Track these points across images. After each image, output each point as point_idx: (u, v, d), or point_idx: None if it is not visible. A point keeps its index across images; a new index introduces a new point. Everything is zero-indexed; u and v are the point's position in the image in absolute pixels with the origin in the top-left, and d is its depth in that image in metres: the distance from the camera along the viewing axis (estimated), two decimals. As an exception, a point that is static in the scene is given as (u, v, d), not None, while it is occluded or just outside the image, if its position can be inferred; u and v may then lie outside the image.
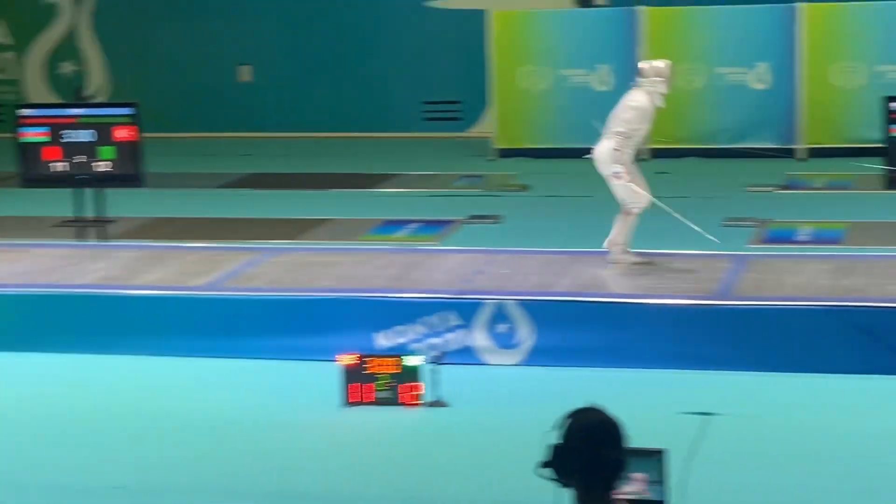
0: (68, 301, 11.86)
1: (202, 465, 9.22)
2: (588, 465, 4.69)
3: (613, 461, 4.71)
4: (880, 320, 10.66)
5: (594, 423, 4.75)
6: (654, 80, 11.95)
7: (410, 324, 11.22)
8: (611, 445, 4.72)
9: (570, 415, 4.78)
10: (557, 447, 4.71)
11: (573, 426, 4.74)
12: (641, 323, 11.04)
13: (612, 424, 4.76)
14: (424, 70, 23.01)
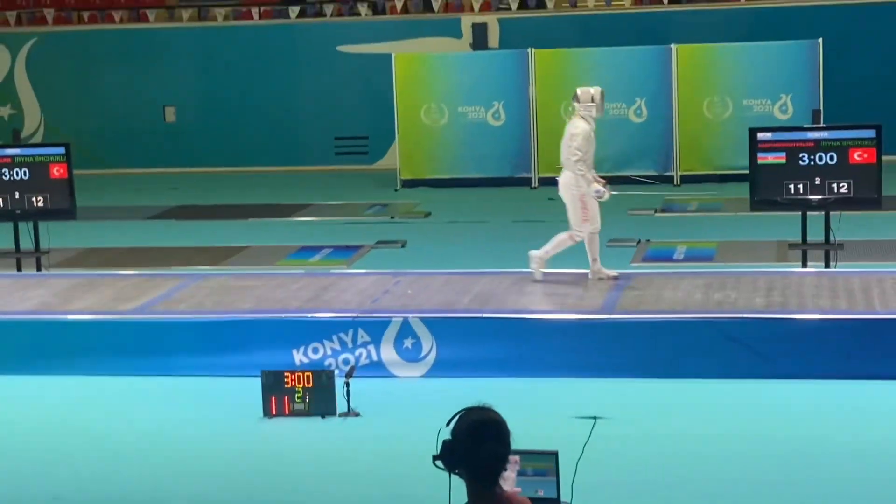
0: (8, 326, 11.70)
1: (133, 476, 9.12)
2: (472, 458, 4.72)
3: (494, 454, 4.74)
4: (748, 330, 10.77)
5: (479, 421, 4.78)
6: (587, 105, 12.10)
7: (325, 341, 11.18)
8: (493, 440, 4.74)
9: (460, 412, 4.82)
10: (447, 441, 4.75)
11: (461, 422, 4.78)
12: (535, 336, 11.07)
13: (496, 422, 4.80)
14: (335, 108, 23.01)
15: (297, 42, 23.24)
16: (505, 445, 4.77)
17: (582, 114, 12.08)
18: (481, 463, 4.73)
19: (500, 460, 4.76)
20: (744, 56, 19.99)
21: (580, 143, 11.91)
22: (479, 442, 4.73)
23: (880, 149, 12.57)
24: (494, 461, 4.75)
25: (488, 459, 4.73)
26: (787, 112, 19.58)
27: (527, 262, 12.39)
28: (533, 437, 8.81)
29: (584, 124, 12.01)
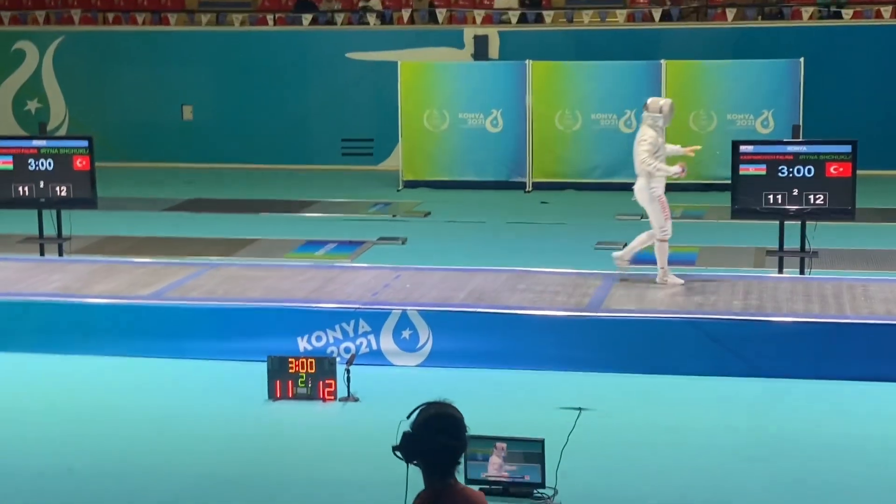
0: (31, 308, 11.71)
1: (145, 451, 9.14)
2: (426, 450, 4.69)
3: (447, 448, 4.70)
4: (726, 330, 10.79)
5: (435, 415, 4.74)
6: (655, 115, 11.89)
7: (327, 330, 11.20)
8: (446, 434, 4.70)
9: (420, 406, 4.79)
10: (405, 433, 4.73)
11: (419, 416, 4.75)
12: (526, 331, 11.08)
13: (451, 416, 4.75)
14: (343, 111, 22.99)
15: (308, 48, 23.22)
16: (458, 440, 4.71)
17: (649, 122, 11.89)
18: (435, 455, 4.69)
19: (452, 453, 4.71)
20: (729, 73, 19.98)
21: (647, 148, 11.74)
22: (434, 435, 4.68)
23: (855, 163, 12.59)
24: (447, 454, 4.70)
25: (441, 452, 4.69)
26: (769, 126, 19.58)
27: (520, 260, 12.38)
28: (521, 425, 8.86)
29: (651, 132, 11.83)
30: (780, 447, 9.08)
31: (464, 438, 4.74)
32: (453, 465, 4.73)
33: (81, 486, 8.49)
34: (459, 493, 4.75)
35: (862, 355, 10.53)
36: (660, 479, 8.50)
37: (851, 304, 11.26)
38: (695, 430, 9.46)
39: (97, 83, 23.60)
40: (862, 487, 8.33)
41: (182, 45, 23.46)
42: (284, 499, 8.24)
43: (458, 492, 4.74)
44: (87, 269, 13.00)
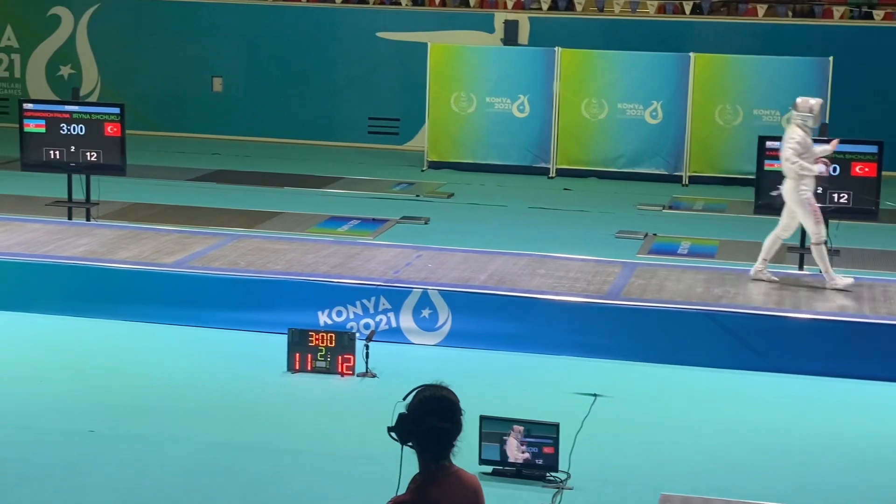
0: (57, 270, 11.77)
1: (163, 416, 9.18)
2: (420, 432, 4.66)
3: (440, 430, 4.66)
4: (744, 324, 10.77)
5: (429, 397, 4.69)
6: (804, 115, 11.49)
7: (348, 305, 11.21)
8: (439, 416, 4.67)
9: (415, 389, 4.75)
10: (401, 414, 4.70)
11: (414, 399, 4.71)
12: (544, 316, 11.07)
13: (447, 399, 4.70)
14: (371, 90, 22.98)
15: (339, 25, 23.20)
16: (452, 422, 4.66)
17: (798, 122, 11.49)
18: (428, 437, 4.66)
19: (446, 436, 4.67)
20: (757, 68, 19.89)
21: (794, 147, 11.36)
22: (428, 417, 4.64)
23: (881, 164, 12.53)
24: (440, 436, 4.66)
25: (434, 434, 4.65)
26: (795, 124, 19.48)
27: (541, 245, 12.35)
28: (537, 409, 8.87)
29: (799, 132, 11.45)
30: (791, 443, 9.07)
31: (458, 421, 4.69)
32: (447, 448, 4.69)
33: (101, 447, 8.54)
34: (453, 476, 4.72)
35: (879, 355, 10.50)
36: (671, 468, 8.50)
37: (871, 304, 11.22)
38: (708, 421, 9.46)
39: (130, 52, 23.63)
40: (873, 485, 8.32)
41: (214, 17, 23.46)
42: (297, 470, 8.27)
43: (451, 474, 4.71)
44: (113, 235, 13.04)
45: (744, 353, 10.67)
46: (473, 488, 4.78)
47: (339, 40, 23.08)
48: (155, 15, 23.58)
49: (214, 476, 8.15)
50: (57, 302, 11.58)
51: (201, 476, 8.14)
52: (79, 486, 7.92)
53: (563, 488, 8.03)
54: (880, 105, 20.77)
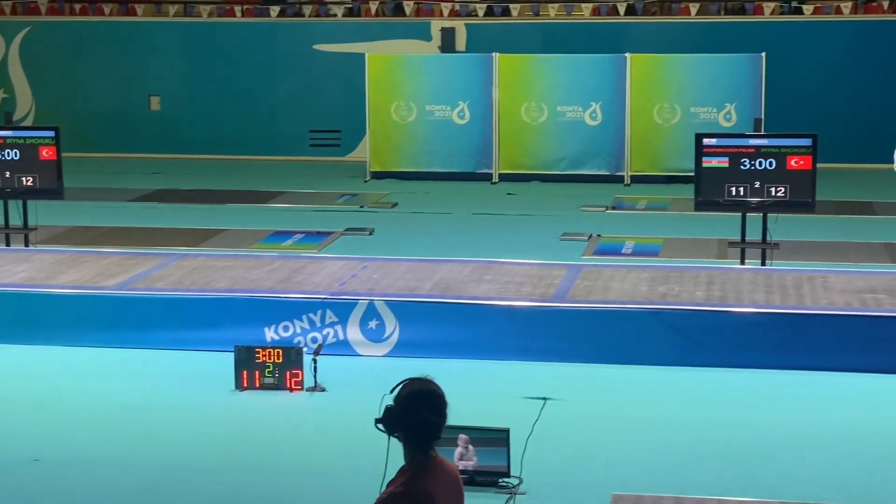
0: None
1: (110, 441, 9.09)
2: (409, 423, 4.78)
3: (429, 422, 4.79)
4: (690, 321, 10.83)
5: (418, 390, 4.83)
6: None
7: (295, 320, 11.17)
8: (428, 409, 4.80)
9: (403, 381, 4.87)
10: (388, 407, 4.81)
11: (402, 391, 4.83)
12: (492, 321, 11.08)
13: (434, 393, 4.85)
14: (311, 103, 22.94)
15: (276, 39, 23.15)
16: (439, 415, 4.83)
17: None
18: (417, 429, 4.79)
19: (433, 428, 4.81)
20: (693, 67, 20.05)
21: None
22: (417, 409, 4.78)
23: (815, 156, 12.66)
24: (428, 428, 4.80)
25: (423, 426, 4.79)
26: (731, 120, 19.67)
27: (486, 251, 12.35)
28: (487, 415, 8.86)
29: None
30: (740, 436, 9.13)
31: (445, 414, 4.85)
32: (436, 440, 4.82)
33: (48, 476, 8.44)
34: (440, 465, 4.84)
35: (821, 346, 10.59)
36: (622, 467, 8.53)
37: (812, 295, 11.32)
38: (658, 419, 9.50)
39: (64, 73, 23.46)
40: (820, 475, 8.38)
41: (149, 35, 23.33)
42: (251, 488, 8.22)
43: (438, 464, 4.84)
44: (54, 260, 12.92)
45: (690, 349, 10.73)
46: (456, 476, 4.94)
47: (277, 54, 23.04)
48: (89, 35, 23.43)
49: (166, 498, 8.08)
50: (-2, 330, 11.45)
51: (152, 499, 8.07)
52: (27, 516, 7.82)
53: (516, 493, 8.04)
54: (814, 98, 20.99)
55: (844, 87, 21.15)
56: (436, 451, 4.85)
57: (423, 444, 4.81)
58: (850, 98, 21.28)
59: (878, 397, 10.02)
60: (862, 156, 21.03)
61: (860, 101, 21.31)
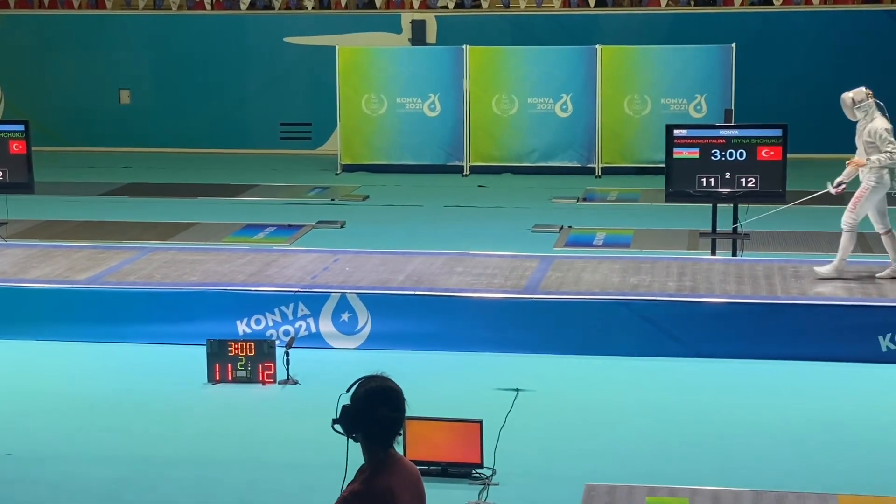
0: (-34, 293, 11.58)
1: (82, 435, 9.08)
2: (368, 422, 4.75)
3: (388, 419, 4.77)
4: (661, 311, 10.88)
5: (375, 388, 4.80)
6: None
7: (267, 313, 11.16)
8: (386, 406, 4.77)
9: (358, 381, 4.83)
10: (345, 407, 4.78)
11: (359, 390, 4.80)
12: (463, 313, 11.11)
13: (391, 389, 4.81)
14: (281, 96, 22.87)
15: (246, 32, 23.08)
16: (400, 411, 4.80)
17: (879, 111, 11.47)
18: (376, 426, 4.76)
19: (393, 424, 4.78)
20: (663, 58, 20.09)
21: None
22: (375, 407, 4.75)
23: (786, 147, 12.72)
24: (388, 425, 4.77)
25: (382, 423, 4.76)
26: (702, 111, 19.73)
27: (458, 243, 12.38)
28: (459, 407, 8.89)
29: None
30: (712, 426, 9.18)
31: (404, 409, 4.82)
32: (395, 436, 4.80)
33: (20, 470, 8.41)
34: (399, 463, 4.82)
35: (793, 335, 10.66)
36: (595, 457, 8.57)
37: (782, 285, 11.39)
38: (630, 409, 9.54)
39: (33, 67, 23.31)
40: (792, 464, 8.44)
41: (119, 29, 23.22)
42: (224, 481, 8.22)
43: (397, 461, 4.81)
44: (24, 254, 12.86)
45: (662, 339, 10.78)
46: (416, 473, 4.89)
47: (247, 47, 22.96)
48: (58, 29, 23.29)
49: (140, 492, 8.07)
50: (-31, 325, 11.40)
51: (126, 493, 8.06)
52: (0, 511, 7.80)
53: (490, 484, 8.06)
54: (784, 89, 21.08)
55: (815, 78, 21.23)
56: (394, 448, 4.81)
57: (383, 442, 4.78)
58: (821, 88, 21.31)
59: (849, 386, 10.10)
60: (832, 146, 21.10)
61: (830, 92, 21.26)
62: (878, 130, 11.29)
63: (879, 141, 11.25)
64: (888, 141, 11.23)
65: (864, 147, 11.40)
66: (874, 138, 11.29)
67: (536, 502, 7.87)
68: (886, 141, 11.23)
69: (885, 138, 11.24)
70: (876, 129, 11.31)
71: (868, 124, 11.38)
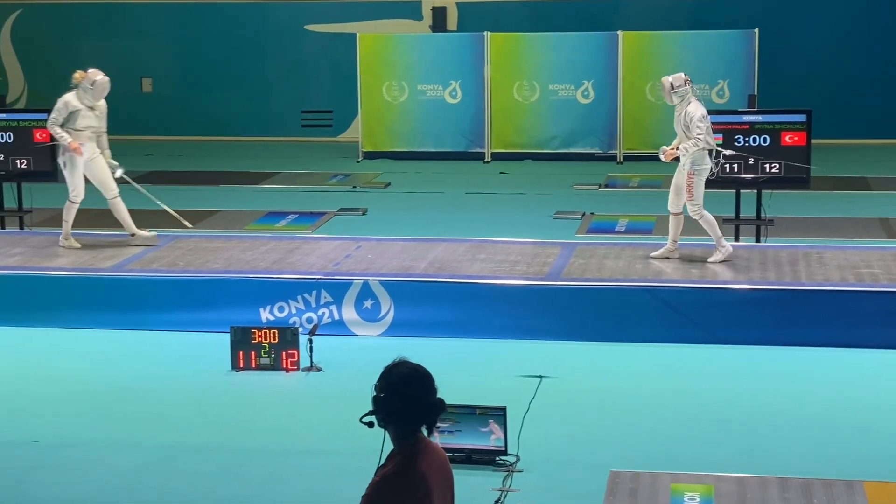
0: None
1: (107, 422, 9.10)
2: (406, 410, 4.64)
3: (424, 404, 4.66)
4: (683, 298, 10.85)
5: (405, 374, 4.66)
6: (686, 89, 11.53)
7: (290, 300, 11.17)
8: (421, 391, 4.64)
9: (386, 370, 4.69)
10: (379, 398, 4.65)
11: (389, 378, 4.66)
12: (486, 300, 11.10)
13: (423, 374, 4.69)
14: (302, 83, 22.88)
15: (267, 20, 23.08)
16: (433, 393, 4.66)
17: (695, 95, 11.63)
18: (412, 412, 4.63)
19: (431, 408, 4.66)
20: (685, 43, 20.01)
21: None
22: (409, 392, 4.62)
23: (810, 132, 12.66)
24: (425, 410, 4.65)
25: (418, 409, 4.63)
26: (724, 96, 19.65)
27: (479, 230, 12.35)
28: (483, 394, 8.88)
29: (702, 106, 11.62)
30: (735, 413, 9.15)
31: (436, 391, 4.68)
32: (434, 421, 4.67)
33: (46, 456, 8.44)
34: (429, 447, 4.70)
35: (817, 321, 10.61)
36: (619, 444, 8.55)
37: (807, 272, 11.34)
38: (654, 396, 9.52)
39: (56, 56, 23.35)
40: (816, 450, 8.41)
41: (141, 17, 23.25)
42: (248, 468, 8.23)
43: (426, 446, 4.70)
44: (49, 242, 12.90)
45: (685, 326, 10.75)
46: (445, 458, 4.80)
47: (268, 35, 22.97)
48: (80, 17, 23.34)
49: (165, 479, 8.09)
50: (-7, 313, 11.44)
51: (151, 479, 8.08)
52: (24, 498, 7.82)
53: (513, 471, 8.05)
54: (807, 74, 20.98)
55: (839, 62, 21.13)
56: (423, 433, 4.71)
57: (418, 427, 4.67)
58: (845, 73, 21.26)
59: (874, 372, 10.05)
60: (857, 131, 21.04)
61: (855, 76, 21.29)
62: (692, 115, 11.38)
63: (691, 125, 11.36)
64: (698, 127, 11.34)
65: (683, 132, 11.45)
66: (688, 122, 11.38)
67: (560, 489, 7.86)
68: (696, 127, 11.34)
69: (696, 124, 11.34)
70: (690, 113, 11.41)
71: (685, 108, 11.46)
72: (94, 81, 12.31)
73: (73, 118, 12.29)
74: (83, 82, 12.33)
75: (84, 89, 12.31)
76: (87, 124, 12.36)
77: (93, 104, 12.41)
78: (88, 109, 12.37)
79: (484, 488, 7.77)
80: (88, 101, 12.36)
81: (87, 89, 12.30)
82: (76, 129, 12.30)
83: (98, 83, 12.33)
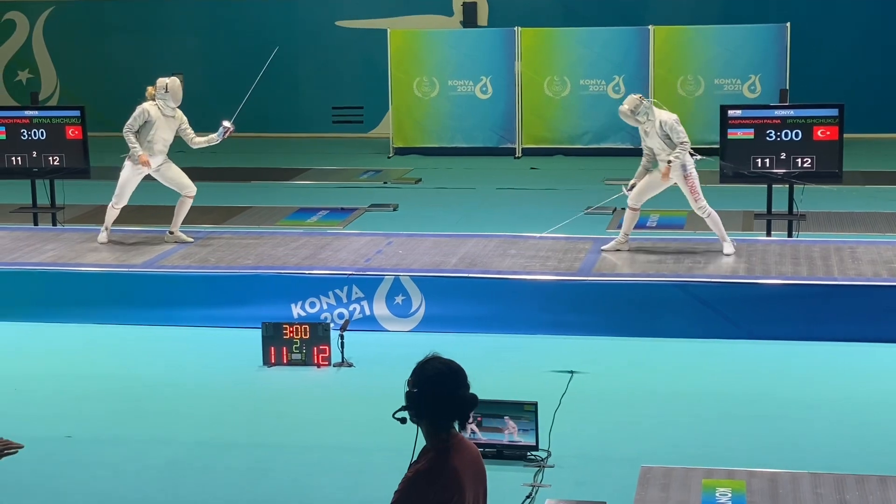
0: (25, 277, 11.70)
1: (141, 418, 9.14)
2: (438, 405, 4.62)
3: (457, 399, 4.65)
4: (716, 293, 10.81)
5: (438, 369, 4.65)
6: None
7: (321, 296, 11.20)
8: (454, 386, 4.63)
9: (419, 365, 4.68)
10: (412, 393, 4.64)
11: (422, 374, 4.65)
12: (517, 296, 11.09)
13: (456, 369, 4.68)
14: (333, 79, 22.93)
15: (298, 16, 23.14)
16: (466, 388, 4.64)
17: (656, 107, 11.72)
18: (445, 408, 4.62)
19: (464, 403, 4.65)
20: (716, 38, 19.96)
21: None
22: (443, 388, 4.60)
23: (842, 127, 12.60)
24: (459, 405, 4.64)
25: (452, 404, 4.63)
26: (756, 91, 19.58)
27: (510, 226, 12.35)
28: (514, 389, 8.88)
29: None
30: (768, 408, 9.11)
31: (469, 386, 4.66)
32: (466, 416, 4.66)
33: (79, 452, 8.49)
34: (462, 443, 4.69)
35: (850, 316, 10.56)
36: (651, 440, 8.53)
37: (839, 266, 11.28)
38: (685, 391, 9.49)
39: (88, 53, 23.51)
40: (850, 446, 8.37)
41: (172, 14, 23.36)
42: (279, 464, 8.26)
43: (459, 441, 4.68)
44: (81, 239, 12.98)
45: (717, 321, 10.71)
46: (478, 454, 4.79)
47: (299, 31, 23.03)
48: (111, 14, 23.46)
49: (197, 475, 8.12)
50: (27, 308, 11.51)
51: (184, 476, 8.11)
52: (57, 493, 7.87)
53: (545, 466, 8.05)
54: (839, 69, 20.87)
55: (871, 56, 21.01)
56: (455, 429, 4.70)
57: (451, 422, 4.66)
58: (877, 67, 21.14)
59: (906, 368, 9.99)
60: (889, 125, 20.92)
61: (887, 70, 21.16)
62: (668, 122, 11.49)
63: (671, 131, 11.44)
64: (679, 131, 11.46)
65: (664, 143, 11.45)
66: (667, 129, 11.45)
67: (592, 484, 7.85)
68: (678, 131, 11.46)
69: (676, 128, 11.46)
70: (666, 121, 11.50)
71: (656, 120, 11.55)
72: (167, 86, 12.32)
73: (147, 128, 12.32)
74: (158, 93, 12.32)
75: (162, 98, 12.35)
76: (160, 136, 12.45)
77: (174, 112, 12.37)
78: (166, 120, 12.40)
79: (515, 483, 7.77)
80: (170, 110, 12.39)
81: (164, 97, 12.33)
82: (148, 140, 12.40)
83: (171, 86, 12.36)
